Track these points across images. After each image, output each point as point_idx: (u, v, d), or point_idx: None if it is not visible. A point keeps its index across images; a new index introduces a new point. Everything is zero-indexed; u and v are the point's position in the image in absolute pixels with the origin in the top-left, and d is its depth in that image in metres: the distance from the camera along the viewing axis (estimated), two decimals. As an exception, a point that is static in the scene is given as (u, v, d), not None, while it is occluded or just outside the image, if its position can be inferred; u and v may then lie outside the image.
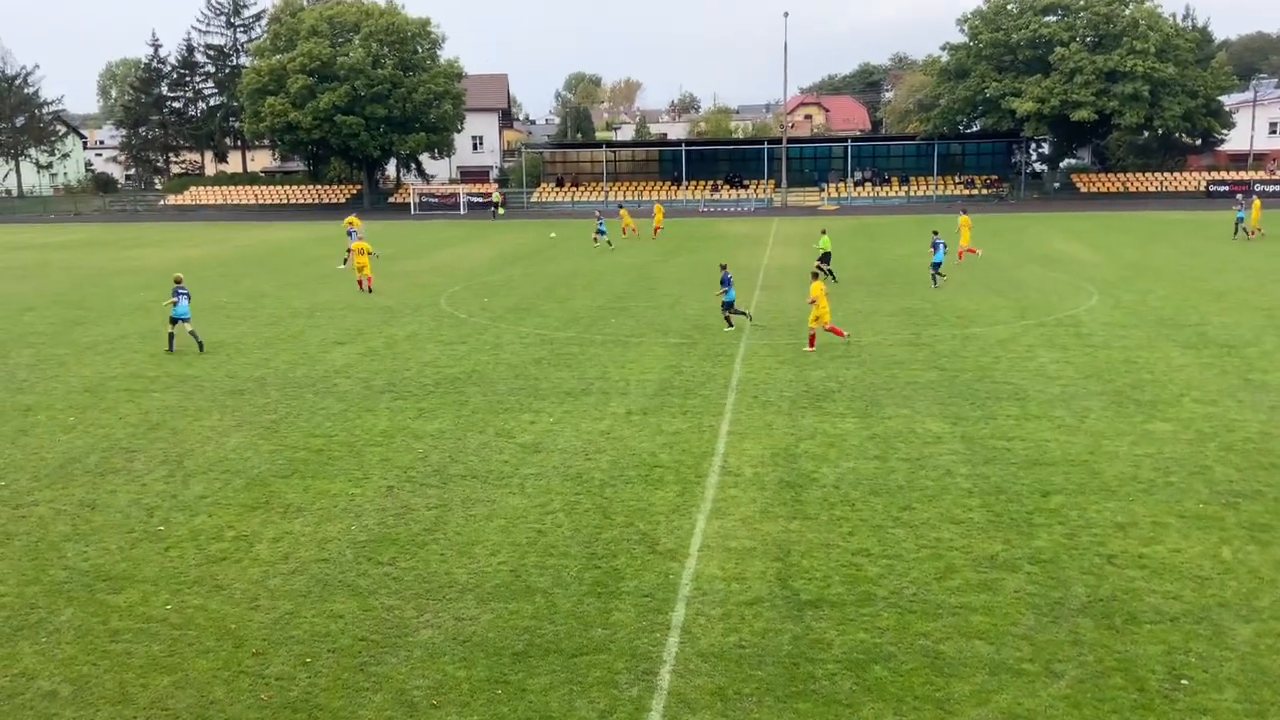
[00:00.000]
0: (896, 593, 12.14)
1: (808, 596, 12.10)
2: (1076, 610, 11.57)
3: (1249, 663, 10.37)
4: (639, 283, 39.62)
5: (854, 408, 20.29)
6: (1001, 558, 13.05)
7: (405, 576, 12.82)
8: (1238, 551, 13.03)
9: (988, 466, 16.58)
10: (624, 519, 14.61)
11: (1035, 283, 36.43)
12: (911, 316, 30.39)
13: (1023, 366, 23.44)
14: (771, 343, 26.89)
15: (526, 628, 11.49)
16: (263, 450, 18.17)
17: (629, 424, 19.43)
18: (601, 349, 26.41)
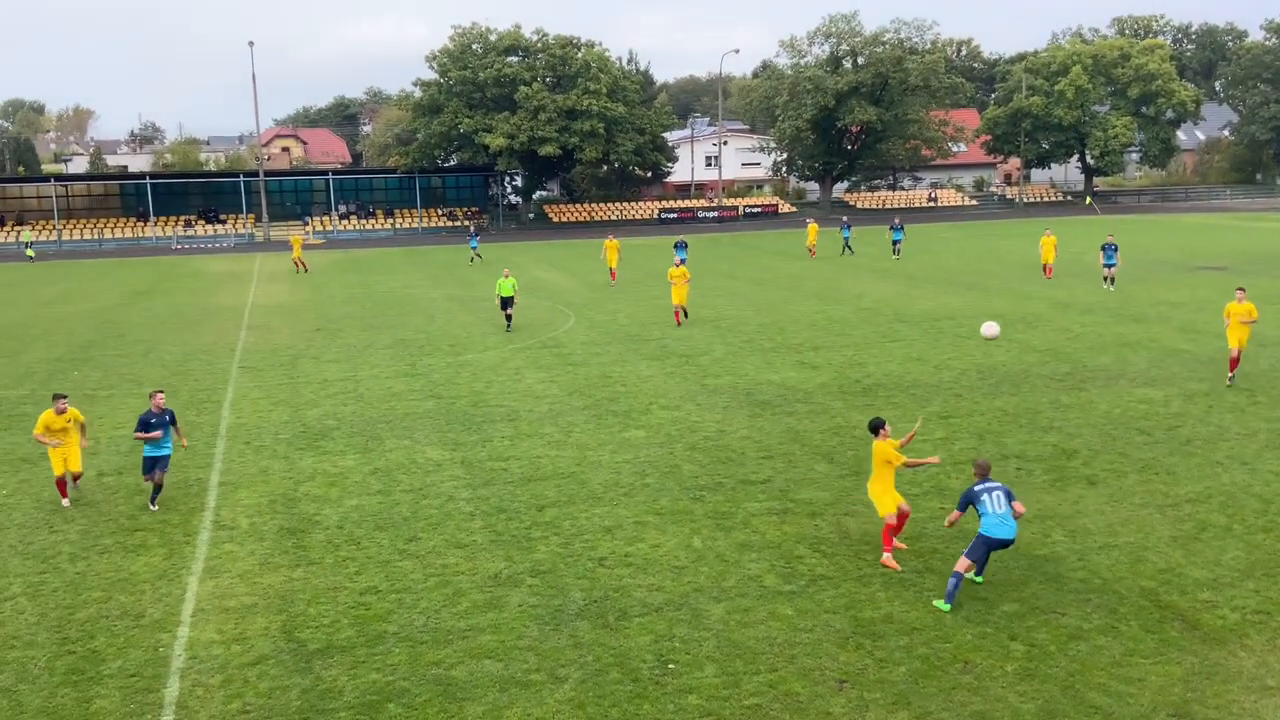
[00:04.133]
0: (407, 626, 12.11)
1: (316, 645, 11.69)
2: (575, 615, 12.27)
3: (723, 639, 11.61)
4: (105, 329, 36.09)
5: (354, 444, 19.99)
6: (505, 575, 13.50)
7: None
8: (707, 539, 14.56)
9: (487, 488, 17.10)
10: (101, 594, 13.19)
11: (520, 308, 38.30)
12: (407, 347, 30.59)
13: (513, 389, 24.49)
14: (263, 384, 25.73)
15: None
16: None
17: (101, 487, 17.60)
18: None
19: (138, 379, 26.87)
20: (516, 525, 15.33)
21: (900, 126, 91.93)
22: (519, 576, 13.45)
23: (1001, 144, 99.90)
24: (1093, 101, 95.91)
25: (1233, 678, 10.44)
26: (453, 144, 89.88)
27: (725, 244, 67.47)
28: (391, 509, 16.18)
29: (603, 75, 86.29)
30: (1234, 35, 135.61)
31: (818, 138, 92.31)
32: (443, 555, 14.25)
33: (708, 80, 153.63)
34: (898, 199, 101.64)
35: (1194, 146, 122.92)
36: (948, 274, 45.70)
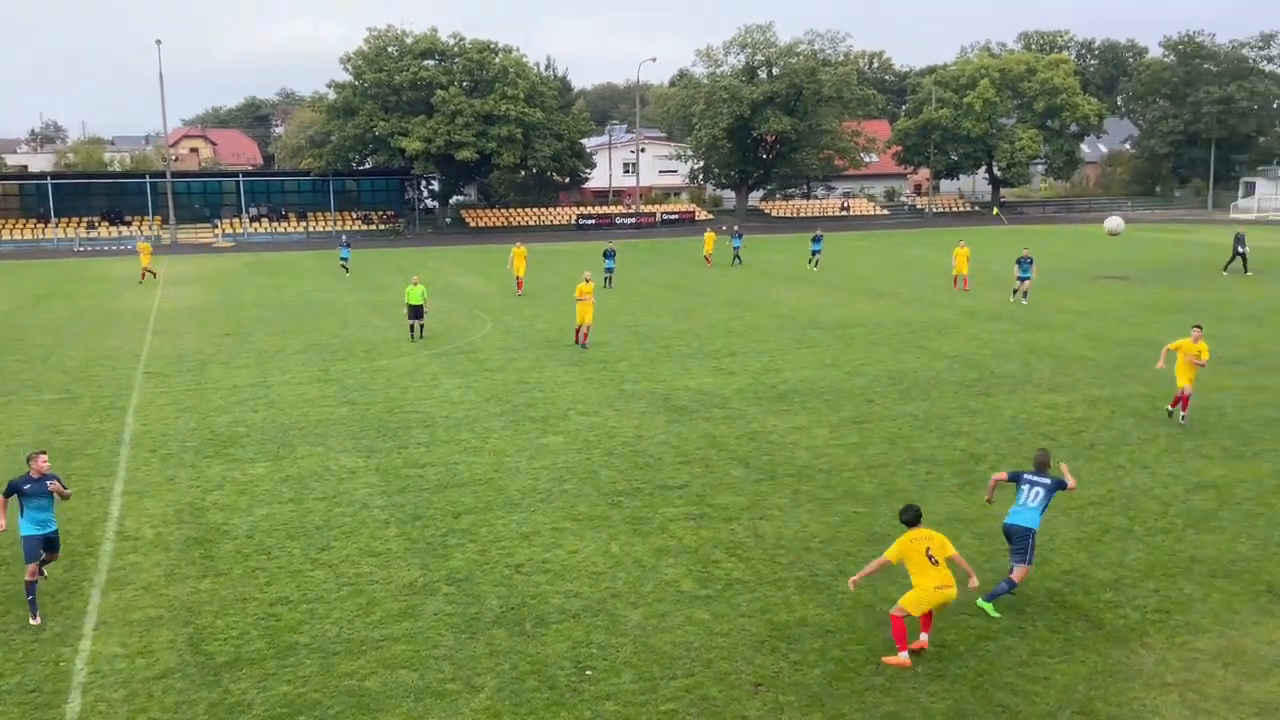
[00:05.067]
0: (319, 636, 11.89)
1: (224, 658, 11.42)
2: (491, 622, 12.18)
3: (640, 644, 11.63)
4: (2, 334, 34.84)
5: (265, 451, 19.58)
6: (420, 583, 13.35)
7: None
8: (624, 545, 14.57)
9: (403, 495, 16.89)
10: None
11: (437, 313, 37.95)
12: (319, 352, 30.07)
13: (429, 394, 24.24)
14: (169, 390, 25.08)
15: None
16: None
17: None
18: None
19: (37, 385, 26.00)
20: (432, 532, 15.17)
21: (814, 136, 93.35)
22: (434, 584, 13.30)
23: (912, 155, 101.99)
24: (1000, 114, 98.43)
25: (1134, 675, 10.77)
26: (368, 147, 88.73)
27: (643, 250, 67.68)
28: (303, 517, 15.89)
29: (520, 81, 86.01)
30: (1134, 52, 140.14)
31: (734, 146, 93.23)
32: (356, 564, 14.03)
33: (625, 88, 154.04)
34: (812, 208, 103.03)
35: (1097, 159, 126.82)
36: (860, 282, 46.46)
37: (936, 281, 45.36)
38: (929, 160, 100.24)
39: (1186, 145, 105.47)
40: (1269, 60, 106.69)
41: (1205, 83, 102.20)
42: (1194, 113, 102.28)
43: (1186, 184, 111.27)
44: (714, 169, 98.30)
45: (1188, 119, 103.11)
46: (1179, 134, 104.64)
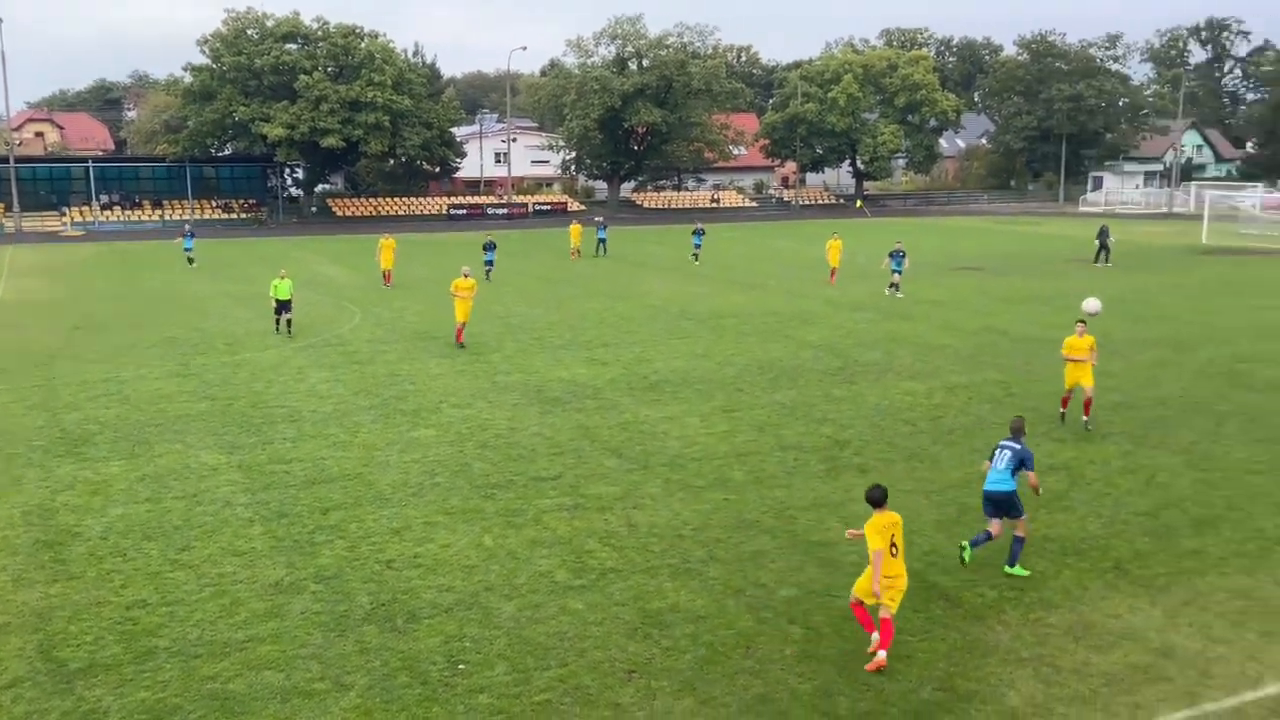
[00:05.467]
0: (180, 640, 11.51)
1: (77, 665, 10.95)
2: (361, 620, 11.98)
3: (514, 636, 11.60)
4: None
5: (119, 449, 18.81)
6: (286, 582, 13.03)
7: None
8: (498, 538, 14.49)
9: (267, 492, 16.45)
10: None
11: (303, 305, 37.00)
12: (177, 346, 28.99)
13: (295, 388, 23.64)
14: (15, 387, 23.84)
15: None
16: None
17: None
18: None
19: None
20: (299, 530, 14.81)
21: (684, 129, 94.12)
22: (302, 583, 13.00)
23: (779, 148, 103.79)
24: (863, 109, 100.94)
25: (991, 651, 11.23)
26: (227, 133, 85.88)
27: (515, 241, 67.22)
28: (162, 517, 15.32)
29: (388, 67, 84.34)
30: (990, 50, 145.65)
31: (605, 137, 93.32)
32: (219, 564, 13.61)
33: (496, 76, 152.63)
34: (683, 200, 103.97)
35: (955, 154, 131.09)
36: (730, 273, 47.11)
37: (803, 273, 46.29)
38: (795, 154, 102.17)
39: (1039, 141, 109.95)
40: (1115, 60, 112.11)
41: (1056, 81, 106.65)
42: (1046, 109, 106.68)
43: (1039, 178, 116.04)
44: (586, 160, 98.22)
45: (1040, 115, 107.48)
46: (1032, 130, 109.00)
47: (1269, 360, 26.02)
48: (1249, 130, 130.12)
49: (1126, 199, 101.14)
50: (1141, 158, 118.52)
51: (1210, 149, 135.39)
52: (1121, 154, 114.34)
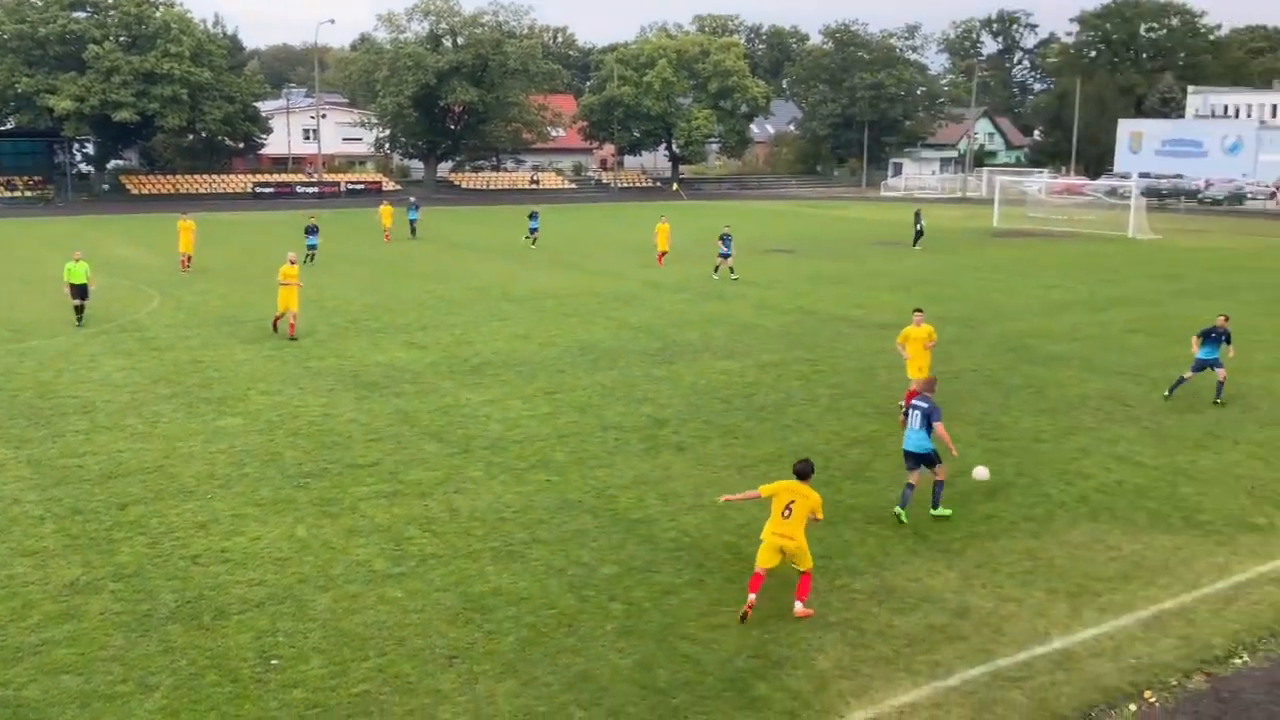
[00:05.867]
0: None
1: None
2: (166, 618, 11.45)
3: (330, 629, 11.32)
4: None
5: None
6: (83, 581, 12.33)
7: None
8: (311, 528, 14.10)
9: (60, 488, 15.50)
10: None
11: (95, 289, 34.93)
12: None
13: (88, 377, 22.32)
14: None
15: None
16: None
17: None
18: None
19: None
20: (95, 527, 14.02)
21: (502, 109, 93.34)
22: (100, 582, 12.32)
23: (597, 130, 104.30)
24: (677, 93, 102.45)
25: (800, 617, 11.66)
26: (9, 105, 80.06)
27: (326, 221, 65.13)
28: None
29: (185, 37, 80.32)
30: (798, 39, 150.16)
31: (420, 115, 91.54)
32: (8, 565, 12.75)
33: (303, 50, 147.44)
34: (502, 180, 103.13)
35: (766, 139, 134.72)
36: (551, 254, 47.08)
37: (624, 255, 46.70)
38: (613, 136, 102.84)
39: (843, 128, 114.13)
40: (913, 50, 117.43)
41: (859, 70, 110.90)
42: (850, 97, 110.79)
43: (844, 164, 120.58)
44: (400, 138, 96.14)
45: (844, 103, 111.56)
46: (837, 117, 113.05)
47: (1053, 336, 27.86)
48: (1036, 119, 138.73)
49: (924, 184, 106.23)
50: (938, 144, 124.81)
51: (1001, 136, 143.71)
52: (920, 141, 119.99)
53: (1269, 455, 17.62)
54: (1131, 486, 16.03)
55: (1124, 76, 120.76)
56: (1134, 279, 39.98)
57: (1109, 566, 13.11)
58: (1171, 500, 15.46)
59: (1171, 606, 12.05)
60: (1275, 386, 22.38)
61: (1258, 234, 60.79)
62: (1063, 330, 28.75)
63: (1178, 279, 40.10)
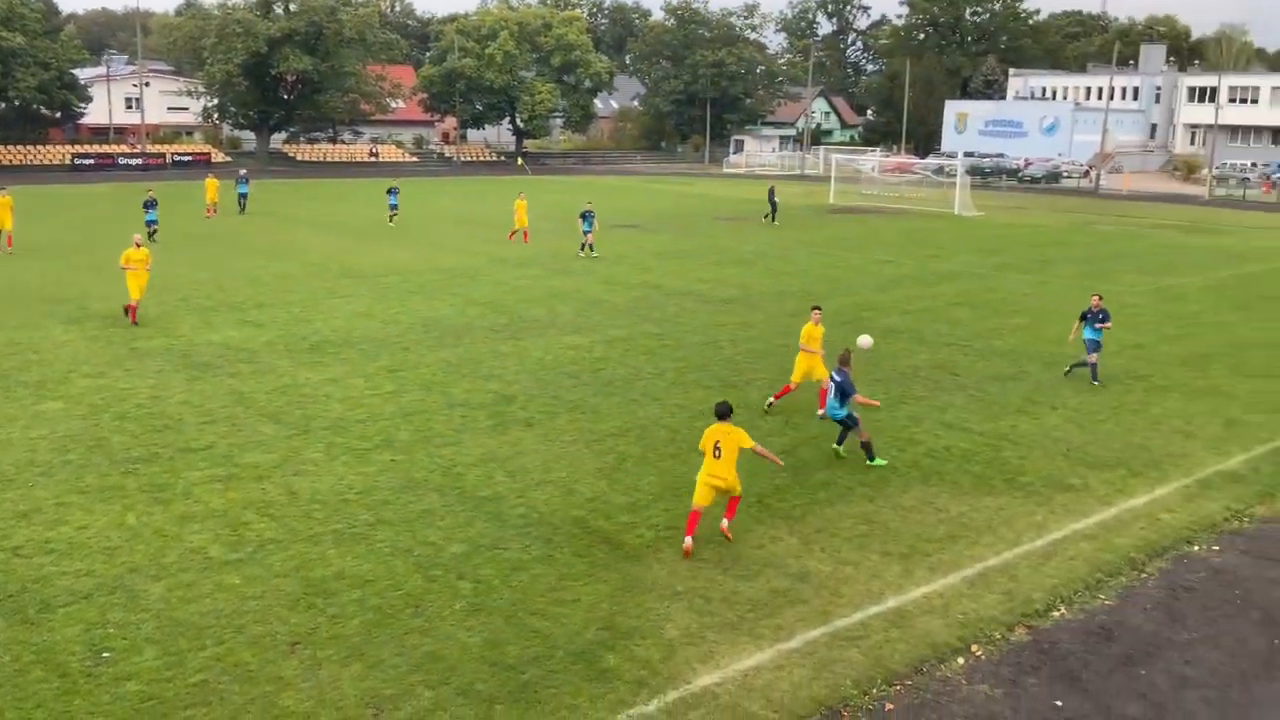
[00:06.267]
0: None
1: None
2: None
3: (164, 618, 10.90)
4: None
5: None
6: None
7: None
8: (142, 515, 13.52)
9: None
10: None
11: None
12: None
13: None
14: None
15: None
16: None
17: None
18: None
19: None
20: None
21: (338, 79, 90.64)
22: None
23: (438, 103, 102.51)
24: (520, 67, 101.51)
25: (649, 588, 11.86)
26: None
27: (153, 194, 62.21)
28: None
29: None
30: (640, 14, 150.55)
31: (251, 84, 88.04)
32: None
33: (124, 14, 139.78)
34: (339, 153, 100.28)
35: (610, 114, 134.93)
36: (394, 230, 46.11)
37: (469, 229, 46.15)
38: (455, 109, 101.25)
39: (686, 104, 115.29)
40: (753, 29, 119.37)
41: (701, 47, 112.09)
42: (692, 74, 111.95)
43: (687, 140, 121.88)
44: (230, 108, 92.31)
45: (687, 80, 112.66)
46: (679, 94, 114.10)
47: (886, 309, 28.93)
48: (869, 99, 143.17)
49: (765, 161, 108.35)
50: (777, 122, 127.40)
51: (836, 115, 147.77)
52: (760, 119, 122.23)
53: (1083, 420, 18.77)
54: (959, 451, 16.85)
55: (950, 59, 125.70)
56: (960, 254, 41.81)
57: (938, 528, 13.77)
58: (995, 464, 16.32)
59: (995, 564, 12.75)
60: (1088, 355, 23.82)
61: (1072, 211, 64.35)
62: (894, 304, 29.87)
63: (999, 254, 42.13)
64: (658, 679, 10.02)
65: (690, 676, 10.09)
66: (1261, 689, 10.28)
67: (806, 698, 9.80)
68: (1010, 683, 10.23)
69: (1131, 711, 9.81)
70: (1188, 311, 29.41)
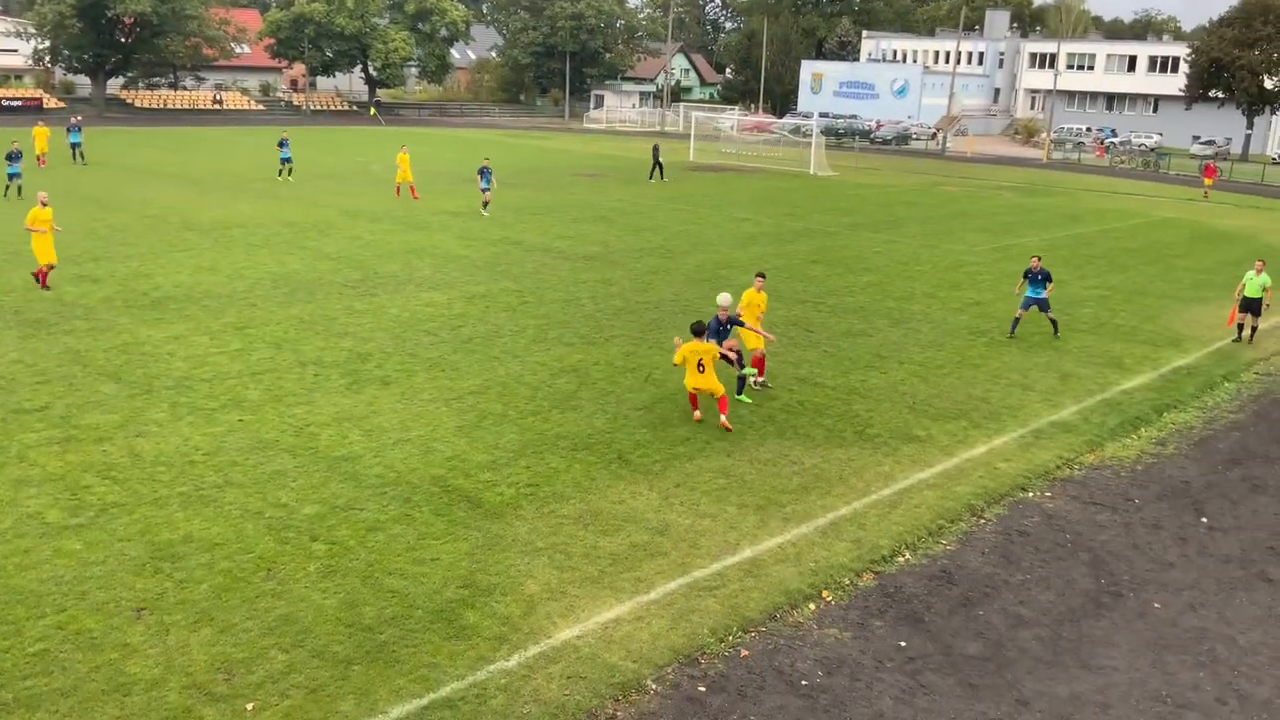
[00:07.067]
0: None
1: None
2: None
3: (1, 585, 10.40)
4: None
5: None
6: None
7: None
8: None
9: None
10: None
11: None
12: None
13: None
14: None
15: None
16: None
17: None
18: None
19: None
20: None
21: (179, 22, 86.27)
22: None
23: (286, 49, 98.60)
24: (372, 13, 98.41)
25: (510, 545, 11.86)
26: None
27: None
28: None
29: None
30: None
31: (85, 26, 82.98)
32: None
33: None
34: (182, 99, 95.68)
35: (467, 65, 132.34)
36: (238, 180, 44.38)
37: (319, 181, 44.75)
38: (304, 56, 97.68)
39: (545, 57, 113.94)
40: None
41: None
42: (551, 26, 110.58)
43: (547, 94, 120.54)
44: (62, 51, 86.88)
45: (545, 32, 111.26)
46: (538, 46, 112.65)
47: (743, 266, 29.36)
48: (727, 57, 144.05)
49: (625, 117, 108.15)
50: (637, 78, 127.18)
51: (696, 73, 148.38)
52: (619, 74, 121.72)
53: (928, 374, 19.51)
54: (812, 405, 17.32)
55: (806, 20, 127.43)
56: (814, 213, 42.72)
57: (792, 480, 14.15)
58: (846, 417, 16.84)
59: (845, 513, 13.21)
60: (933, 312, 24.70)
61: (920, 172, 66.40)
62: (752, 261, 30.35)
63: (852, 213, 43.22)
64: (518, 634, 10.07)
65: (551, 631, 10.16)
66: (1089, 626, 10.95)
67: (665, 647, 10.00)
68: (858, 626, 10.64)
69: (970, 650, 10.33)
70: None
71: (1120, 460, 15.76)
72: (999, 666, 10.10)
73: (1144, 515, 13.82)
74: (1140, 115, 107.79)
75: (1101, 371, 20.29)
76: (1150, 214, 47.83)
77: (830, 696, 9.47)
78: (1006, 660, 10.22)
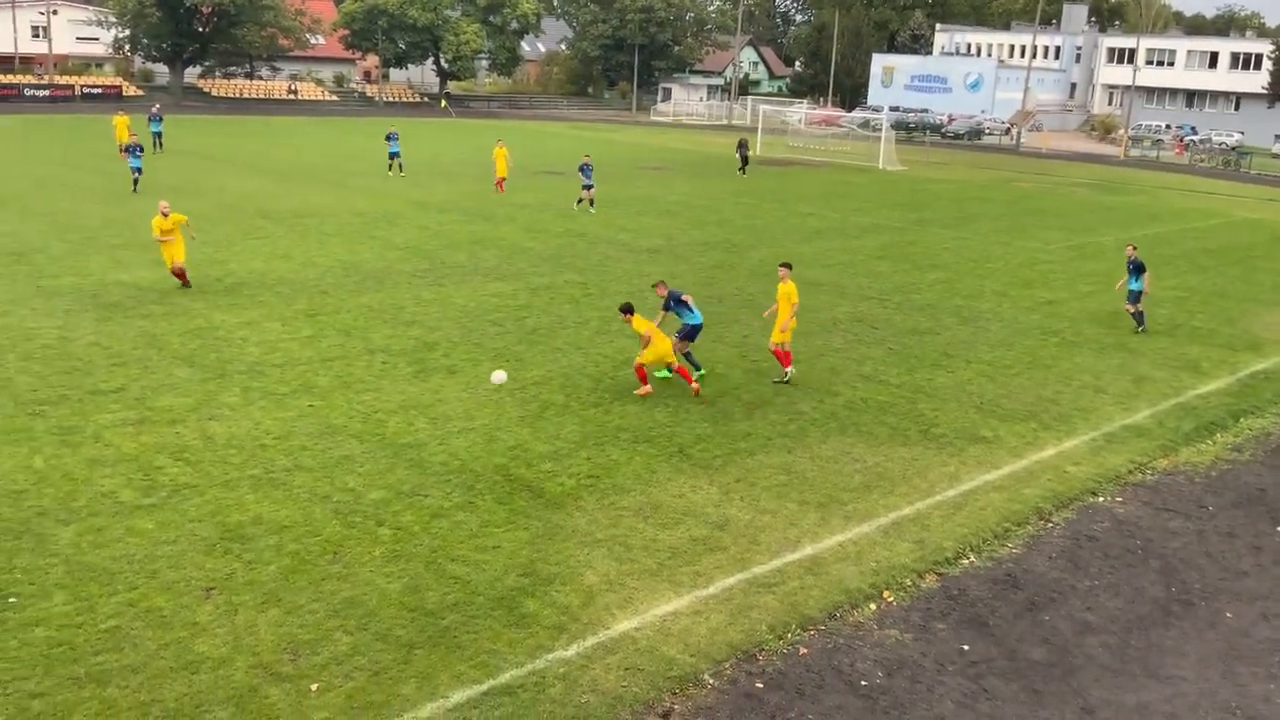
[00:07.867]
0: None
1: None
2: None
3: (74, 563, 10.68)
4: None
5: None
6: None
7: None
8: (50, 458, 13.18)
9: None
10: None
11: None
12: None
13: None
14: None
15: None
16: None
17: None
18: None
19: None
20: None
21: (255, 11, 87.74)
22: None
23: (360, 40, 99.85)
24: (445, 6, 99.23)
25: (570, 535, 11.93)
26: None
27: (60, 127, 60.00)
28: None
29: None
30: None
31: (164, 15, 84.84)
32: None
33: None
34: (257, 89, 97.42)
35: (537, 58, 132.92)
36: (311, 170, 45.10)
37: (390, 172, 45.32)
38: (378, 47, 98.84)
39: (614, 50, 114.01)
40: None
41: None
42: (620, 19, 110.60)
43: (615, 87, 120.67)
44: (142, 39, 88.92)
45: (615, 24, 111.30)
46: (608, 38, 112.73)
47: (809, 262, 29.15)
48: (797, 50, 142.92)
49: (692, 110, 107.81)
50: (706, 71, 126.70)
51: (765, 66, 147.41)
52: (688, 67, 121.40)
53: (996, 374, 19.21)
54: (876, 403, 17.15)
55: (879, 12, 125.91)
56: (882, 209, 42.26)
57: (854, 478, 14.03)
58: (911, 415, 16.65)
59: (908, 513, 13.06)
60: (1003, 310, 24.31)
61: (993, 168, 65.34)
62: (817, 256, 30.13)
63: (921, 209, 42.67)
64: (576, 624, 10.11)
65: (609, 622, 10.19)
66: (1159, 634, 10.72)
67: (723, 642, 9.98)
68: (920, 628, 10.53)
69: (1035, 655, 10.17)
70: (1101, 269, 30.12)
71: (1194, 466, 15.39)
72: (1064, 673, 9.93)
73: (1218, 523, 13.48)
74: (1221, 113, 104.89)
75: (1177, 375, 19.82)
76: (1231, 214, 46.57)
77: (890, 698, 9.38)
78: (1072, 667, 10.04)
